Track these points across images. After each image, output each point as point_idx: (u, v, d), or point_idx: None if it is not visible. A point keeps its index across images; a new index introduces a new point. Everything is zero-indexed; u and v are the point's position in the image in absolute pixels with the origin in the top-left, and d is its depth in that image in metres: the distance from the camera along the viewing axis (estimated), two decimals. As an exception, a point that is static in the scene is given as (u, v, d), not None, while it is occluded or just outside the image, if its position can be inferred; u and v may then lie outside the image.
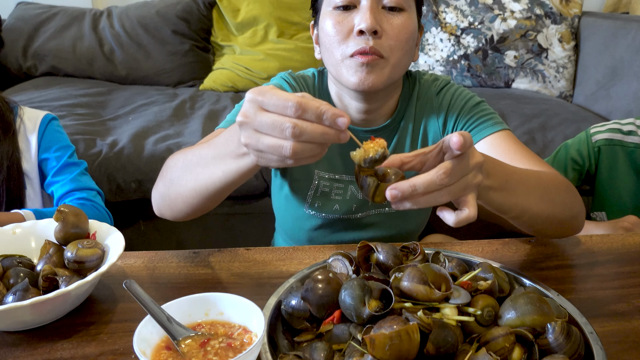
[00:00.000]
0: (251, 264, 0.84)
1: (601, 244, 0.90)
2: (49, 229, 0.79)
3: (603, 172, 1.21)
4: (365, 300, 0.60)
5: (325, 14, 0.90)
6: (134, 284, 0.63)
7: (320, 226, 1.05)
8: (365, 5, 0.85)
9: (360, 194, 1.01)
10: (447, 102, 0.99)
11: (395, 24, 0.87)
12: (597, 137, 1.21)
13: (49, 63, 2.16)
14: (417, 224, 1.10)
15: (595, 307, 0.72)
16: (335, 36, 0.87)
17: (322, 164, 1.01)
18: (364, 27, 0.84)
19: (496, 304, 0.63)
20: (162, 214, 0.89)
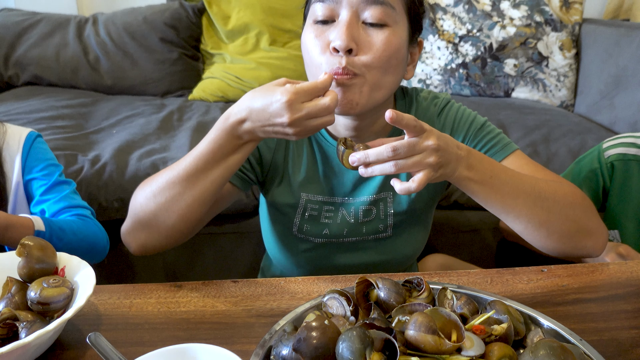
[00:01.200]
0: (238, 299, 0.76)
1: (620, 272, 0.83)
2: (12, 263, 0.71)
3: (616, 188, 1.14)
4: (367, 354, 0.52)
5: (307, 26, 0.83)
6: (99, 338, 0.55)
7: (309, 249, 0.98)
8: (343, 20, 0.78)
9: (350, 216, 0.95)
10: (450, 124, 0.93)
11: (374, 41, 0.78)
12: (610, 152, 1.14)
13: (32, 72, 2.08)
14: (413, 249, 1.03)
15: (619, 350, 0.65)
16: (312, 51, 0.80)
17: (308, 187, 0.94)
18: (338, 44, 0.76)
19: (514, 353, 0.56)
20: (146, 248, 0.86)
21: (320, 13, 0.79)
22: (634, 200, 1.12)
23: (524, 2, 2.12)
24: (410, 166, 0.69)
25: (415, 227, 0.99)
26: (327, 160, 0.94)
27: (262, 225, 1.07)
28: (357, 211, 0.94)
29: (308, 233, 0.96)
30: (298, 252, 0.99)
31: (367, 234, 0.96)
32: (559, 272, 0.82)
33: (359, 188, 0.94)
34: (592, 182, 1.16)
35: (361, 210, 0.94)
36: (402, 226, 0.97)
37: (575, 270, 0.83)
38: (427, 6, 2.13)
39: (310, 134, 0.77)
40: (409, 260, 1.03)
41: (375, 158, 0.68)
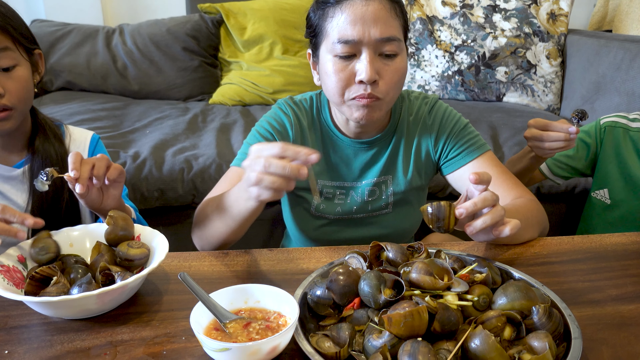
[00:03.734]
0: (275, 262, 0.95)
1: (581, 244, 1.02)
2: (99, 231, 0.90)
3: (607, 149, 1.32)
4: (381, 288, 0.71)
5: (327, 58, 1.00)
6: (187, 276, 0.74)
7: (324, 225, 1.19)
8: (365, 57, 0.96)
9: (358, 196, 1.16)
10: (438, 122, 1.13)
11: (391, 70, 0.99)
12: (605, 120, 1.35)
13: (65, 78, 2.26)
14: (411, 224, 1.23)
15: (575, 296, 0.84)
16: (338, 82, 0.99)
17: (323, 174, 1.15)
18: (365, 78, 0.96)
19: (490, 292, 0.75)
20: (203, 248, 1.06)
21: (342, 50, 0.97)
22: (623, 162, 1.31)
23: (514, 15, 2.32)
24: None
25: (411, 204, 1.20)
26: (338, 153, 1.14)
27: (284, 210, 1.27)
28: (364, 192, 1.15)
29: (324, 212, 1.16)
30: (315, 227, 1.19)
31: (372, 211, 1.17)
32: (533, 242, 1.02)
33: (365, 174, 1.15)
34: (586, 142, 1.35)
35: (367, 191, 1.15)
36: (401, 204, 1.18)
37: (547, 241, 1.02)
38: (426, 18, 2.33)
39: None
40: (407, 234, 1.25)
41: (482, 204, 0.81)
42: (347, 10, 0.96)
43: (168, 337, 0.74)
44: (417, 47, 2.30)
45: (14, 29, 0.97)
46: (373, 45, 0.96)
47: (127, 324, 0.77)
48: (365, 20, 0.95)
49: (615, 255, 0.97)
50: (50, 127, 1.10)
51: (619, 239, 1.04)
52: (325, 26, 1.00)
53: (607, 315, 0.79)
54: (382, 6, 0.96)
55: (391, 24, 0.97)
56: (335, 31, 0.97)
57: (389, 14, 0.96)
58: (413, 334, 0.64)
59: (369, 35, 0.95)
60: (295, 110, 1.14)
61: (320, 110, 1.15)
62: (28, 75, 1.01)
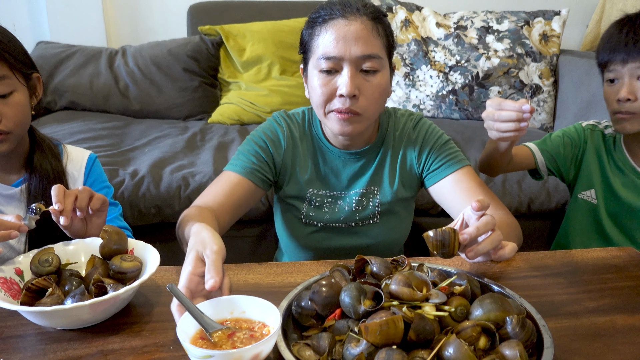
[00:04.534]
0: (264, 276, 0.98)
1: (563, 258, 1.05)
2: (94, 246, 0.94)
3: (590, 150, 1.35)
4: (361, 299, 0.74)
5: (313, 73, 1.08)
6: (174, 287, 0.77)
7: (313, 232, 1.23)
8: (346, 73, 1.03)
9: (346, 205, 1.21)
10: (421, 137, 1.19)
11: (371, 86, 1.05)
12: (585, 123, 1.39)
13: (68, 98, 2.32)
14: (398, 235, 1.28)
15: (552, 308, 0.86)
16: (321, 96, 1.06)
17: (313, 183, 1.20)
18: (344, 92, 1.02)
19: (467, 304, 0.77)
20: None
21: (326, 66, 1.04)
22: (600, 164, 1.35)
23: (507, 36, 2.38)
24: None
25: (398, 215, 1.24)
26: (327, 163, 1.19)
27: (276, 219, 1.32)
28: (352, 201, 1.20)
29: (313, 219, 1.21)
30: (305, 235, 1.24)
31: (360, 220, 1.21)
32: (515, 257, 1.04)
33: (353, 184, 1.20)
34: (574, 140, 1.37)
35: (355, 200, 1.20)
36: (388, 214, 1.22)
37: (529, 256, 1.05)
38: (421, 40, 2.39)
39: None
40: (395, 245, 1.29)
41: (484, 229, 0.83)
42: (331, 29, 1.03)
43: (157, 347, 0.77)
44: (412, 68, 2.35)
45: (11, 56, 1.00)
46: (354, 62, 1.02)
47: (118, 334, 0.79)
48: (347, 38, 1.02)
49: (594, 269, 1.00)
50: (48, 146, 1.14)
51: (599, 253, 1.06)
52: (313, 43, 1.07)
53: (583, 326, 0.81)
54: (364, 26, 1.03)
55: (372, 43, 1.03)
56: (320, 48, 1.04)
57: (370, 33, 1.03)
58: (389, 343, 0.67)
59: (349, 53, 1.02)
60: (288, 122, 1.20)
61: (311, 122, 1.21)
62: (25, 100, 1.05)
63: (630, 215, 1.30)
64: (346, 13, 1.03)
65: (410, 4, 2.48)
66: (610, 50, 1.22)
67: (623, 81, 1.20)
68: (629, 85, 1.19)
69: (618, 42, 1.20)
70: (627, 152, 1.30)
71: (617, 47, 1.20)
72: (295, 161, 1.19)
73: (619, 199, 1.31)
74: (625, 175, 1.31)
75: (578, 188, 1.38)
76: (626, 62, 1.19)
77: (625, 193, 1.30)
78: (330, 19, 1.04)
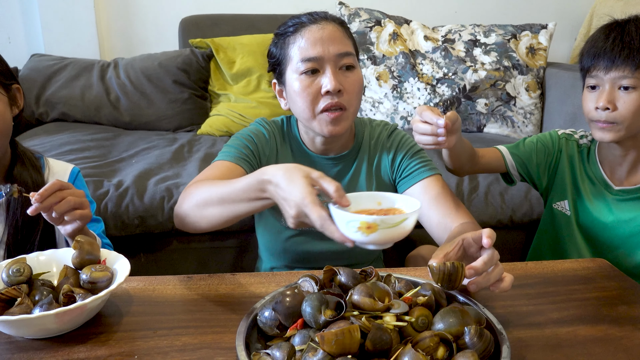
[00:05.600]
0: (236, 286, 0.99)
1: (533, 269, 1.06)
2: (67, 256, 0.95)
3: (564, 160, 1.35)
4: (322, 309, 0.75)
5: (293, 78, 1.12)
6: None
7: (293, 236, 1.25)
8: (329, 71, 1.09)
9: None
10: (395, 144, 1.24)
11: (351, 81, 1.12)
12: (561, 131, 1.38)
13: (60, 110, 2.34)
14: None
15: (517, 318, 0.87)
16: (307, 97, 1.10)
17: None
18: (330, 88, 1.08)
19: (429, 314, 0.78)
20: (182, 227, 1.08)
21: (308, 67, 1.09)
22: (573, 174, 1.34)
23: (494, 49, 2.40)
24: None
25: None
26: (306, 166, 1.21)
27: (257, 224, 1.34)
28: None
29: None
30: (284, 239, 1.25)
31: None
32: (486, 268, 1.05)
33: None
34: (547, 147, 1.36)
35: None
36: None
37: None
38: (409, 52, 2.41)
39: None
40: (373, 251, 1.32)
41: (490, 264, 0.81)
42: (306, 34, 1.10)
43: (122, 356, 0.77)
44: (399, 80, 2.38)
45: None
46: (333, 60, 1.09)
47: (85, 344, 0.80)
48: (324, 40, 1.09)
49: (563, 281, 1.01)
50: (29, 158, 1.16)
51: (570, 264, 1.07)
52: (288, 52, 1.13)
53: (545, 337, 0.82)
54: (336, 28, 1.12)
55: (345, 42, 1.12)
56: (298, 53, 1.10)
57: (342, 34, 1.12)
58: (345, 352, 0.68)
59: (328, 52, 1.09)
60: (272, 126, 1.25)
61: (290, 128, 1.26)
62: (4, 110, 1.07)
63: (600, 228, 1.30)
64: (316, 20, 1.12)
65: (398, 18, 2.51)
66: (594, 56, 1.19)
67: (604, 89, 1.18)
68: (609, 94, 1.17)
69: (603, 48, 1.17)
70: (599, 164, 1.30)
71: (602, 53, 1.17)
72: (277, 163, 1.22)
73: (589, 211, 1.31)
74: (596, 187, 1.31)
75: (553, 198, 1.38)
76: (609, 70, 1.16)
77: (595, 205, 1.30)
78: (301, 27, 1.12)
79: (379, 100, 2.39)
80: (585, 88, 1.25)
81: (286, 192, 0.82)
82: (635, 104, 1.15)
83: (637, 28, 1.16)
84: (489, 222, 1.72)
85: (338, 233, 0.79)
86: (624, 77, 1.15)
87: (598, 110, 1.18)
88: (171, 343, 0.80)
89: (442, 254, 0.85)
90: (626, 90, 1.15)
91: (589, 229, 1.31)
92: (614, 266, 1.07)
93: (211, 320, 0.87)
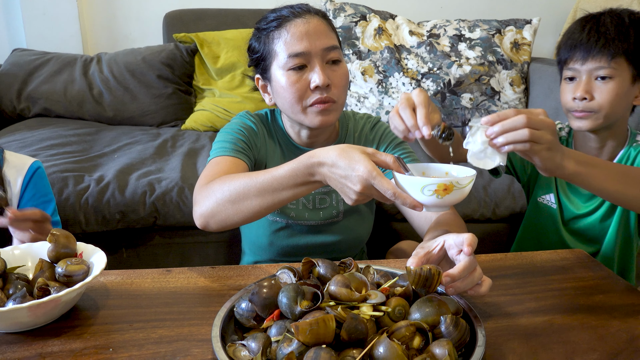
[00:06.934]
0: (215, 279, 0.98)
1: (513, 260, 1.06)
2: (43, 250, 0.94)
3: None
4: (298, 300, 0.75)
5: (280, 74, 1.11)
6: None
7: (279, 229, 1.24)
8: (317, 66, 1.08)
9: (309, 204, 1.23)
10: (378, 137, 1.25)
11: (338, 75, 1.12)
12: None
13: (42, 105, 2.31)
14: (361, 232, 1.31)
15: (495, 308, 0.87)
16: (296, 93, 1.09)
17: None
18: (320, 83, 1.08)
19: (406, 304, 0.78)
20: (208, 226, 1.03)
21: (296, 63, 1.08)
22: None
23: (479, 44, 2.41)
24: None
25: (360, 213, 1.28)
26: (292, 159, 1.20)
27: None
28: (315, 199, 1.23)
29: (278, 215, 1.23)
30: (270, 232, 1.25)
31: (324, 219, 1.24)
32: (466, 259, 1.05)
33: None
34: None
35: (317, 198, 1.23)
36: (351, 212, 1.25)
37: (480, 258, 1.06)
38: (394, 47, 2.41)
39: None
40: (358, 243, 1.31)
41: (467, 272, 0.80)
42: (291, 29, 1.09)
43: (97, 349, 0.77)
44: (384, 75, 2.38)
45: None
46: (320, 55, 1.09)
47: (60, 337, 0.80)
48: (310, 34, 1.08)
49: (542, 271, 1.01)
50: None
51: (549, 255, 1.08)
52: (273, 47, 1.11)
53: (521, 326, 0.83)
54: (320, 22, 1.11)
55: (330, 36, 1.12)
56: (285, 48, 1.09)
57: (326, 28, 1.12)
58: (319, 342, 0.68)
59: (315, 47, 1.08)
60: (256, 119, 1.24)
61: (275, 121, 1.25)
62: None
63: (583, 220, 1.31)
64: (299, 14, 1.10)
65: (384, 13, 2.51)
66: (570, 47, 1.21)
67: (581, 80, 1.20)
68: (586, 84, 1.18)
69: (580, 40, 1.19)
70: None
71: (578, 45, 1.19)
72: (267, 156, 1.22)
73: (573, 203, 1.32)
74: None
75: (538, 192, 1.38)
76: (585, 61, 1.18)
77: (577, 198, 1.32)
78: (284, 21, 1.10)
79: (364, 95, 2.38)
80: (562, 80, 1.27)
81: (348, 169, 0.83)
82: (612, 93, 1.17)
83: (612, 19, 1.18)
84: (471, 215, 1.73)
85: (411, 199, 0.81)
86: (600, 68, 1.17)
87: (575, 101, 1.21)
88: (147, 335, 0.80)
89: (423, 252, 0.86)
90: (603, 79, 1.17)
91: (573, 221, 1.32)
92: (591, 257, 1.08)
93: (188, 312, 0.87)
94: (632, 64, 1.17)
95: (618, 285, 0.96)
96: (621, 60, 1.16)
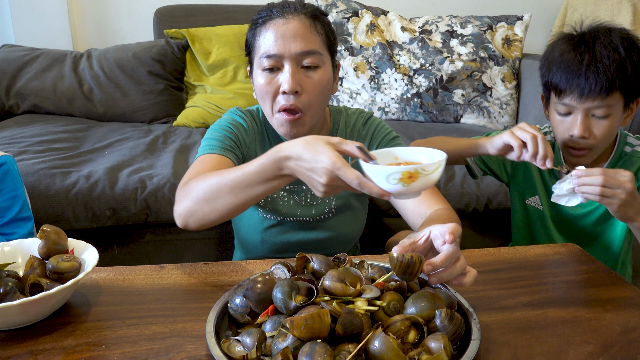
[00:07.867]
0: (208, 275, 0.98)
1: (506, 255, 1.07)
2: (33, 246, 0.92)
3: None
4: (292, 295, 0.75)
5: (257, 73, 1.10)
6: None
7: (271, 226, 1.23)
8: (288, 70, 1.06)
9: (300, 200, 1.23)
10: (371, 132, 1.23)
11: (312, 82, 1.08)
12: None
13: (31, 102, 2.28)
14: (354, 229, 1.30)
15: (488, 302, 0.88)
16: (267, 94, 1.09)
17: None
18: (286, 88, 1.05)
19: (401, 298, 0.78)
20: (188, 226, 1.02)
21: (268, 64, 1.07)
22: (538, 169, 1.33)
23: (470, 40, 2.41)
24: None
25: (353, 210, 1.27)
26: None
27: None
28: (306, 196, 1.22)
29: (270, 212, 1.22)
30: (262, 229, 1.24)
31: (316, 215, 1.23)
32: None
33: None
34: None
35: (309, 195, 1.22)
36: (343, 209, 1.24)
37: (473, 253, 1.06)
38: (386, 43, 2.41)
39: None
40: (351, 239, 1.30)
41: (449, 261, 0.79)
42: (270, 28, 1.07)
43: (89, 346, 0.76)
44: (377, 71, 2.37)
45: None
46: (294, 59, 1.06)
47: (51, 334, 0.79)
48: (286, 36, 1.05)
49: (535, 265, 1.02)
50: None
51: (542, 250, 1.09)
52: (255, 44, 1.10)
53: (515, 319, 0.83)
54: (302, 24, 1.06)
55: (310, 39, 1.07)
56: (262, 47, 1.08)
57: (308, 30, 1.07)
58: (314, 337, 0.68)
59: (289, 50, 1.05)
60: (247, 115, 1.22)
61: (265, 120, 1.23)
62: None
63: (572, 220, 1.31)
64: (285, 13, 1.07)
65: (376, 9, 2.51)
66: (566, 77, 1.13)
67: (577, 116, 1.14)
68: (584, 122, 1.14)
69: (577, 74, 1.11)
70: (562, 158, 1.30)
71: (575, 79, 1.12)
72: (257, 152, 1.20)
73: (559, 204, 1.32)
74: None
75: (525, 195, 1.38)
76: (584, 100, 1.12)
77: None
78: (269, 19, 1.08)
79: (357, 91, 2.38)
80: (554, 110, 1.21)
81: (312, 162, 0.81)
82: (609, 128, 1.15)
83: (608, 52, 1.11)
84: (465, 210, 1.73)
85: (377, 188, 0.78)
86: (597, 107, 1.13)
87: (573, 137, 1.16)
88: (140, 332, 0.79)
89: (409, 242, 0.84)
90: (599, 117, 1.14)
91: (562, 222, 1.33)
92: (585, 251, 1.09)
93: (182, 309, 0.86)
94: (624, 95, 1.14)
95: (611, 279, 0.97)
96: (617, 94, 1.13)
